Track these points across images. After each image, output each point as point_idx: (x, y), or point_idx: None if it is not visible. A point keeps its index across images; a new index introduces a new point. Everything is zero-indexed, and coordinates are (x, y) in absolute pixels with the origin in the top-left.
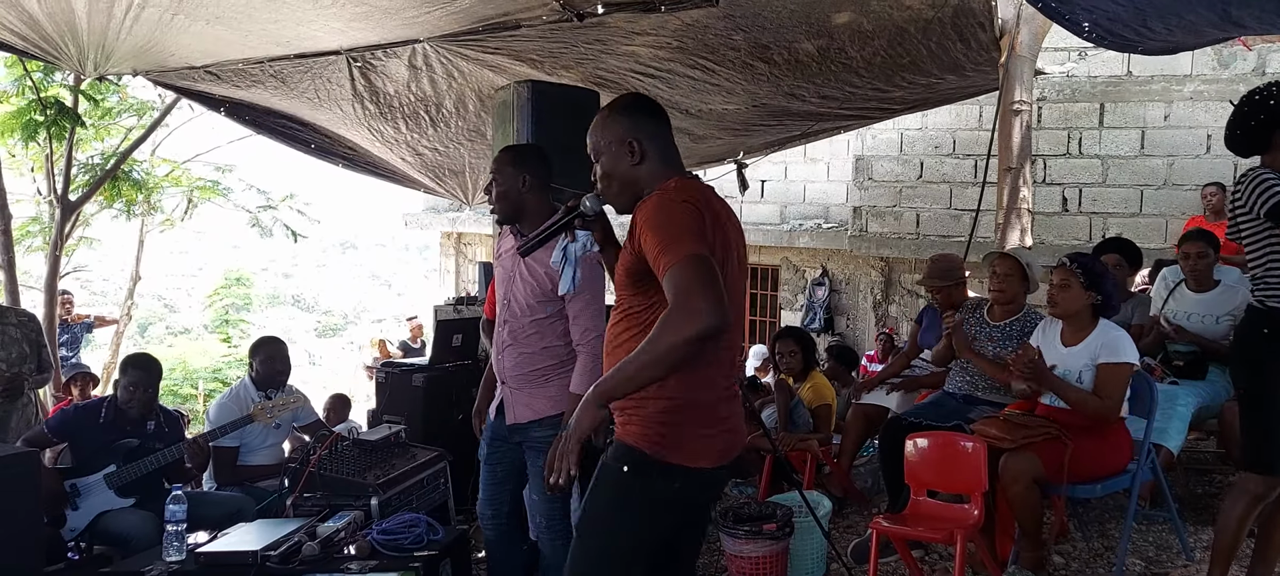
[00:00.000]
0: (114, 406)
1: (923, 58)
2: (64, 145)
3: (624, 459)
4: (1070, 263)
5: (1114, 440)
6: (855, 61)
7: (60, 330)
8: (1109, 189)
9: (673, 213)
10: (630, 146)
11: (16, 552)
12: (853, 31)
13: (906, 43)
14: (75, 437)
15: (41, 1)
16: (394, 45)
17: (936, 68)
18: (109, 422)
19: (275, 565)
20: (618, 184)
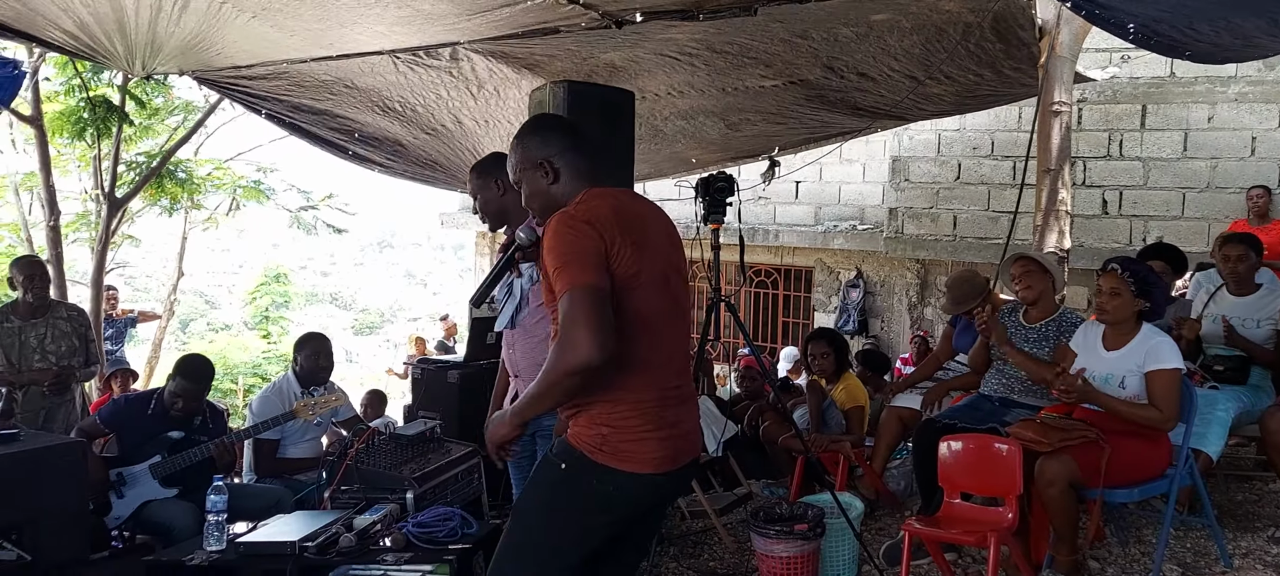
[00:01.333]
0: (161, 400)
1: (961, 55)
2: (111, 143)
3: (563, 456)
4: (1121, 270)
5: (1152, 444)
6: (893, 49)
7: (105, 324)
8: (1150, 191)
9: (564, 236)
10: (543, 167)
11: (64, 538)
12: (891, 26)
13: (944, 41)
14: (123, 428)
15: (91, 2)
16: (434, 47)
17: (974, 65)
18: (155, 415)
19: (313, 556)
20: (539, 204)
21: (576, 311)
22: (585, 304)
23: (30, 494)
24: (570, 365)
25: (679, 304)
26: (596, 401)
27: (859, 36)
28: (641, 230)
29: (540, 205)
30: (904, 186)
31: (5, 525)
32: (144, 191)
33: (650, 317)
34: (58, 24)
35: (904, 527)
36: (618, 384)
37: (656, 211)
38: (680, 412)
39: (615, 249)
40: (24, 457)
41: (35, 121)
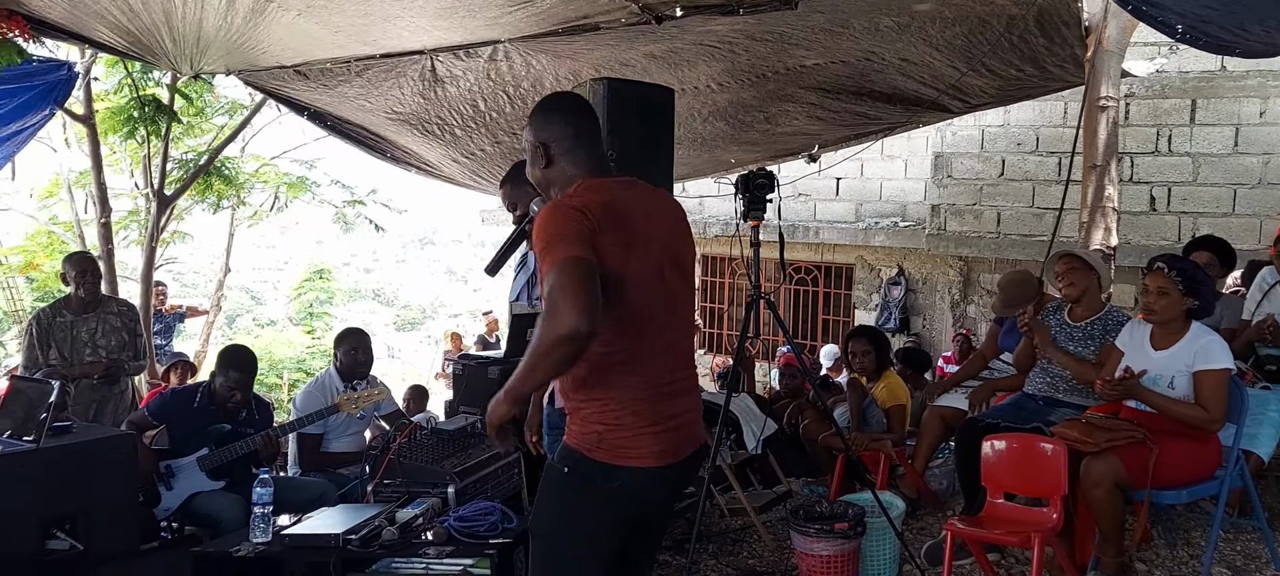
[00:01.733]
0: (208, 393)
1: (1004, 48)
2: (160, 142)
3: (564, 460)
4: (1167, 268)
5: (1202, 445)
6: (935, 39)
7: (154, 320)
8: (1200, 188)
9: (553, 220)
10: (540, 150)
11: (115, 529)
12: (934, 16)
13: (988, 33)
14: (171, 420)
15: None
16: (476, 45)
17: (1017, 59)
18: (203, 408)
19: (356, 548)
20: (540, 187)
21: (562, 279)
22: (571, 273)
23: (83, 485)
24: (557, 333)
25: (677, 298)
26: (589, 402)
27: (901, 27)
28: (635, 225)
29: (540, 187)
30: (947, 182)
31: (59, 515)
32: (192, 188)
33: (640, 313)
34: (107, 23)
35: (946, 527)
36: (608, 382)
37: (661, 201)
38: (678, 405)
39: (603, 242)
40: (76, 450)
41: (87, 120)
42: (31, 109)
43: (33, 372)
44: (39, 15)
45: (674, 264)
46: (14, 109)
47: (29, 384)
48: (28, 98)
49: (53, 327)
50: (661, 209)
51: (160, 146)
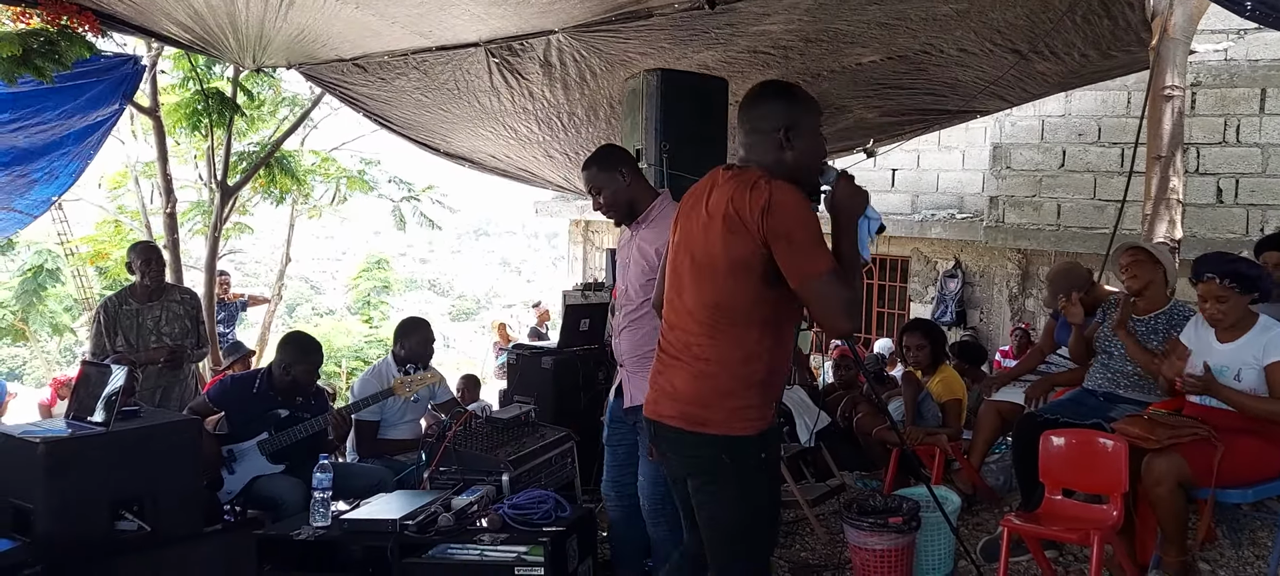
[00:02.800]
0: (268, 379)
1: (1067, 29)
2: (224, 134)
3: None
4: (1220, 279)
5: (1270, 442)
6: (996, 22)
7: (218, 308)
8: (1269, 180)
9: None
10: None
11: (181, 511)
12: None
13: (1050, 12)
14: (231, 406)
15: None
16: (530, 37)
17: (1079, 42)
18: (262, 393)
19: (413, 534)
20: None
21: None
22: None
23: (149, 468)
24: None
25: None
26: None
27: (960, 13)
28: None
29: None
30: (1005, 174)
31: (127, 497)
32: (254, 181)
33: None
34: (173, 18)
35: (1003, 523)
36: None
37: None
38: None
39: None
40: (144, 433)
41: (153, 113)
42: (102, 102)
43: (102, 359)
44: (108, 10)
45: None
46: (85, 102)
47: (97, 369)
48: (97, 91)
49: (119, 315)
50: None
51: (223, 138)
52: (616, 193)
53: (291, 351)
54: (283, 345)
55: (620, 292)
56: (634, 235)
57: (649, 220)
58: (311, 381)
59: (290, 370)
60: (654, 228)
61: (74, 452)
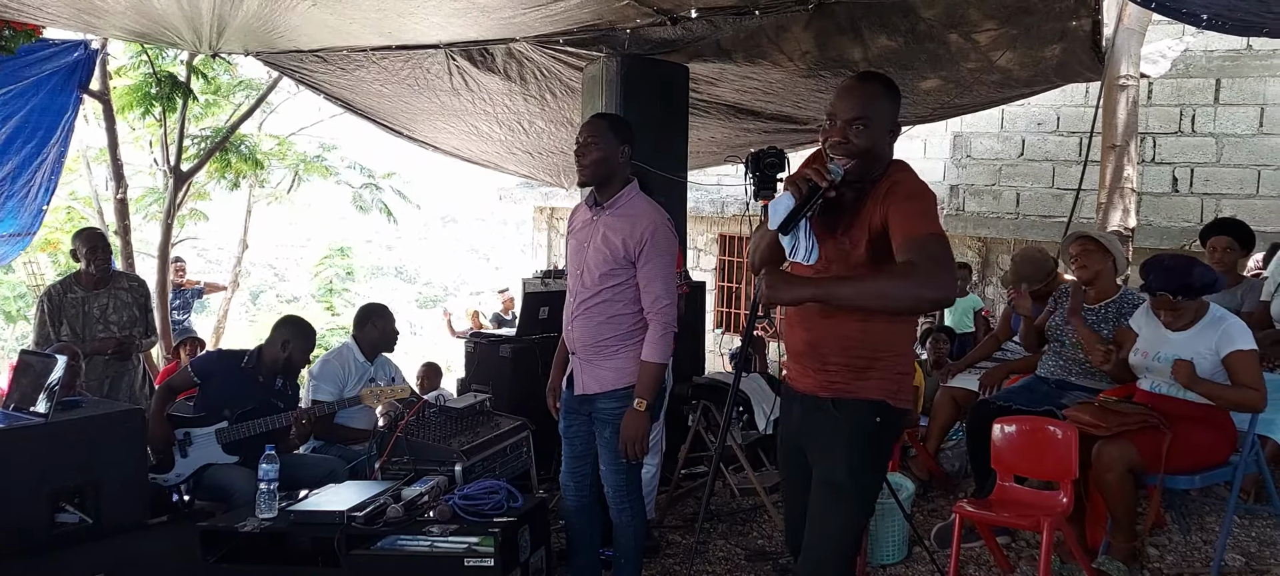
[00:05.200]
0: (257, 358)
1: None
2: (177, 118)
3: (874, 411)
4: (1173, 295)
5: (1217, 430)
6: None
7: (173, 295)
8: (1223, 169)
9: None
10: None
11: (124, 503)
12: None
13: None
14: (211, 379)
15: None
16: (490, 43)
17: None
18: (247, 372)
19: (361, 525)
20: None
21: (945, 253)
22: (948, 250)
23: (92, 459)
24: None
25: None
26: (894, 356)
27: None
28: None
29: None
30: (965, 162)
31: (68, 489)
32: (211, 166)
33: None
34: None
35: (956, 510)
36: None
37: None
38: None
39: None
40: (86, 424)
41: (102, 97)
42: (60, 95)
43: (45, 348)
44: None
45: None
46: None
47: (37, 358)
48: (52, 83)
49: (64, 304)
50: None
51: (177, 123)
52: (608, 156)
53: (288, 330)
54: (279, 325)
55: (573, 278)
56: (597, 217)
57: (616, 206)
58: (303, 363)
59: (286, 347)
60: (619, 216)
61: (11, 444)
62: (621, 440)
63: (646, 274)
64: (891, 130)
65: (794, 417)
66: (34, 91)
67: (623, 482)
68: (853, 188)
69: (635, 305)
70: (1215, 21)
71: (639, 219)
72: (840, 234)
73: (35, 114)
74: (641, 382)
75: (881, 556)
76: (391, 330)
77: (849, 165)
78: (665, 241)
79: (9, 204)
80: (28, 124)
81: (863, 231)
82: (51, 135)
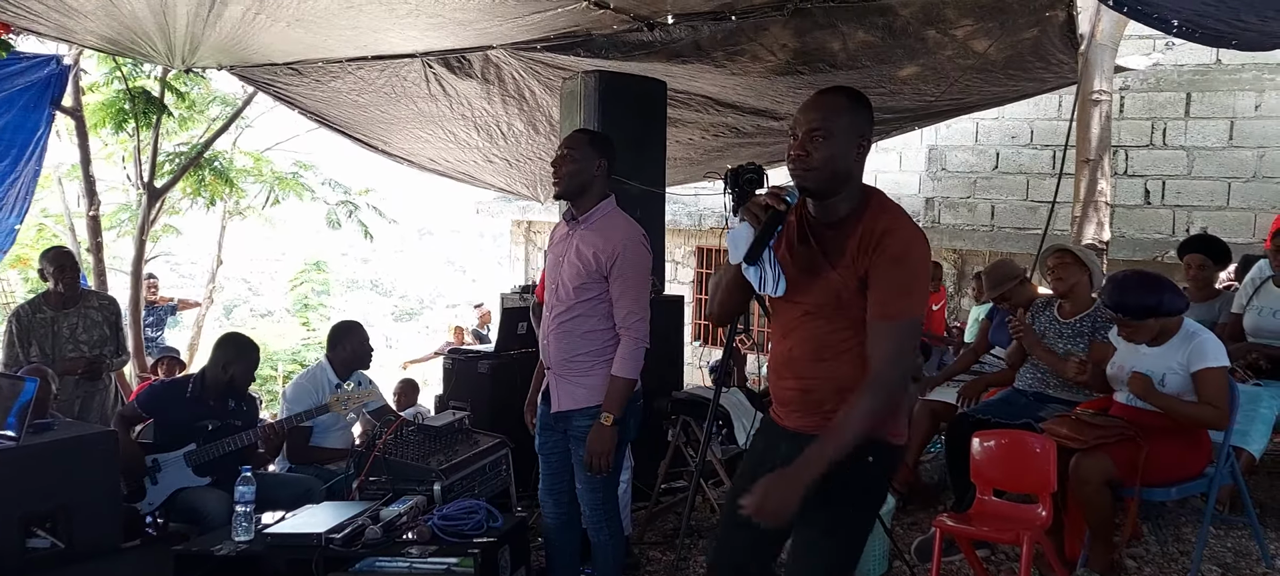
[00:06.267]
0: (201, 383)
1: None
2: (150, 134)
3: (867, 451)
4: (1139, 317)
5: (1192, 442)
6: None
7: (145, 312)
8: (1194, 181)
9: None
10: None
11: (97, 527)
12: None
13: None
14: (161, 413)
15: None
16: (467, 50)
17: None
18: (193, 399)
19: (339, 547)
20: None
21: (909, 345)
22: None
23: (64, 483)
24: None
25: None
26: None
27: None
28: None
29: (832, 176)
30: (941, 175)
31: (40, 514)
32: (185, 183)
33: None
34: (92, 29)
35: (935, 524)
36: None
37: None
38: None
39: None
40: (57, 447)
41: (74, 113)
42: (33, 113)
43: (14, 370)
44: (23, 25)
45: None
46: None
47: (7, 380)
48: (25, 99)
49: (33, 324)
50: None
51: (150, 139)
52: (583, 168)
53: (229, 350)
54: (220, 344)
55: (549, 292)
56: (572, 232)
57: (591, 221)
58: (248, 382)
59: (228, 368)
60: (594, 231)
61: None
62: (588, 452)
63: (618, 289)
64: (859, 145)
65: (780, 453)
66: (6, 108)
67: (599, 502)
68: (829, 226)
69: (610, 321)
70: (1186, 28)
71: (612, 233)
72: (828, 273)
73: (8, 131)
74: (609, 397)
75: (862, 571)
76: (365, 348)
77: (807, 183)
78: (638, 256)
79: None
80: (0, 141)
81: (852, 275)
82: (24, 153)
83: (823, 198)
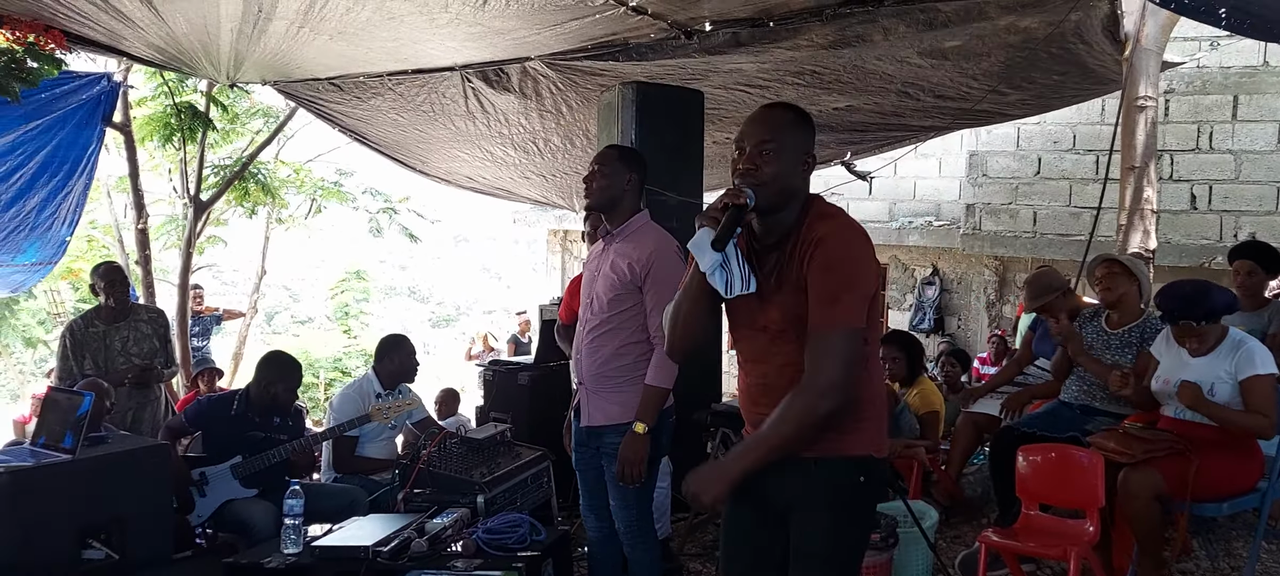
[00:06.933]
0: (246, 399)
1: (1043, 60)
2: (196, 148)
3: (857, 469)
4: (1196, 322)
5: (1244, 456)
6: (971, 71)
7: (192, 322)
8: (1242, 186)
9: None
10: (805, 159)
11: (150, 538)
12: (967, 52)
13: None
14: (208, 428)
15: (180, 18)
16: (505, 63)
17: (1057, 67)
18: (239, 415)
19: (386, 560)
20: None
21: (848, 353)
22: (855, 349)
23: (118, 495)
24: (824, 409)
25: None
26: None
27: (934, 64)
28: None
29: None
30: (982, 182)
31: (94, 525)
32: (229, 194)
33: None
34: (144, 39)
35: (980, 540)
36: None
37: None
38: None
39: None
40: (112, 460)
41: (124, 128)
42: (85, 130)
43: (71, 383)
44: (77, 32)
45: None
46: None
47: (64, 395)
48: (78, 116)
49: (86, 338)
50: None
51: (196, 152)
52: (613, 183)
53: (272, 370)
54: (263, 364)
55: (584, 307)
56: (607, 247)
57: (625, 234)
58: (291, 400)
59: (271, 388)
60: (629, 243)
61: (38, 482)
62: (619, 461)
63: (652, 299)
64: (804, 162)
65: (768, 481)
66: (60, 126)
67: (633, 519)
68: (773, 247)
69: (643, 336)
70: (1233, 18)
71: (645, 244)
72: (780, 296)
73: (62, 148)
74: (642, 406)
75: None
76: (411, 362)
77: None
78: (671, 266)
79: (33, 234)
80: (54, 159)
81: (795, 292)
82: (76, 169)
83: (770, 213)
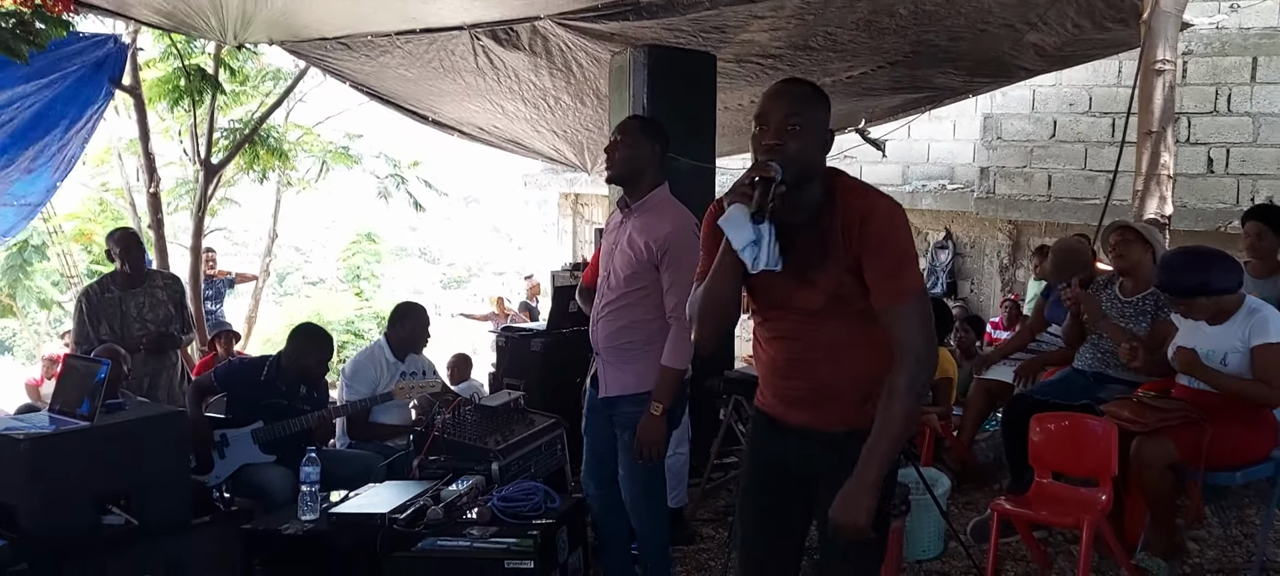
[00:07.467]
0: (277, 366)
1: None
2: (206, 110)
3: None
4: (1187, 295)
5: (1258, 424)
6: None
7: (205, 285)
8: (1260, 149)
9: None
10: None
11: (167, 504)
12: None
13: None
14: (234, 389)
15: None
16: (515, 22)
17: (1073, 13)
18: (268, 381)
19: (402, 527)
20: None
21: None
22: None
23: (136, 462)
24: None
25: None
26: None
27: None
28: None
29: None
30: (996, 144)
31: (114, 492)
32: (240, 158)
33: None
34: (151, 6)
35: (993, 507)
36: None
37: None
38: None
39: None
40: (130, 428)
41: (133, 90)
42: (88, 86)
43: (87, 349)
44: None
45: None
46: (71, 87)
47: (81, 361)
48: (82, 74)
49: (102, 304)
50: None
51: (206, 115)
52: (636, 154)
53: (305, 342)
54: (298, 335)
55: (602, 278)
56: (625, 220)
57: (644, 208)
58: (322, 374)
59: (303, 360)
60: (646, 217)
61: (58, 448)
62: (639, 442)
63: (668, 278)
64: (825, 138)
65: (791, 451)
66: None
67: (640, 492)
68: (803, 226)
69: (658, 310)
70: None
71: (663, 222)
72: (818, 275)
73: (60, 102)
74: (659, 387)
75: (918, 552)
76: (424, 331)
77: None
78: (688, 246)
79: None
80: (52, 110)
81: (843, 267)
82: (75, 122)
83: (794, 189)
